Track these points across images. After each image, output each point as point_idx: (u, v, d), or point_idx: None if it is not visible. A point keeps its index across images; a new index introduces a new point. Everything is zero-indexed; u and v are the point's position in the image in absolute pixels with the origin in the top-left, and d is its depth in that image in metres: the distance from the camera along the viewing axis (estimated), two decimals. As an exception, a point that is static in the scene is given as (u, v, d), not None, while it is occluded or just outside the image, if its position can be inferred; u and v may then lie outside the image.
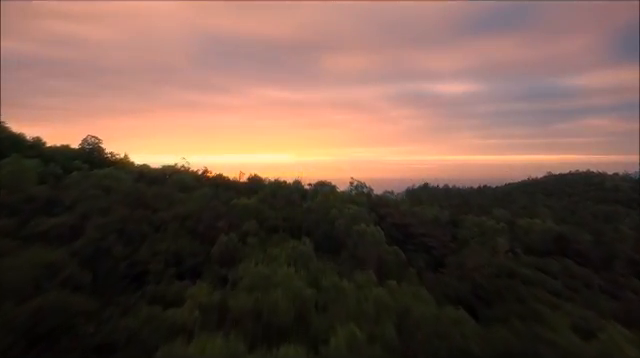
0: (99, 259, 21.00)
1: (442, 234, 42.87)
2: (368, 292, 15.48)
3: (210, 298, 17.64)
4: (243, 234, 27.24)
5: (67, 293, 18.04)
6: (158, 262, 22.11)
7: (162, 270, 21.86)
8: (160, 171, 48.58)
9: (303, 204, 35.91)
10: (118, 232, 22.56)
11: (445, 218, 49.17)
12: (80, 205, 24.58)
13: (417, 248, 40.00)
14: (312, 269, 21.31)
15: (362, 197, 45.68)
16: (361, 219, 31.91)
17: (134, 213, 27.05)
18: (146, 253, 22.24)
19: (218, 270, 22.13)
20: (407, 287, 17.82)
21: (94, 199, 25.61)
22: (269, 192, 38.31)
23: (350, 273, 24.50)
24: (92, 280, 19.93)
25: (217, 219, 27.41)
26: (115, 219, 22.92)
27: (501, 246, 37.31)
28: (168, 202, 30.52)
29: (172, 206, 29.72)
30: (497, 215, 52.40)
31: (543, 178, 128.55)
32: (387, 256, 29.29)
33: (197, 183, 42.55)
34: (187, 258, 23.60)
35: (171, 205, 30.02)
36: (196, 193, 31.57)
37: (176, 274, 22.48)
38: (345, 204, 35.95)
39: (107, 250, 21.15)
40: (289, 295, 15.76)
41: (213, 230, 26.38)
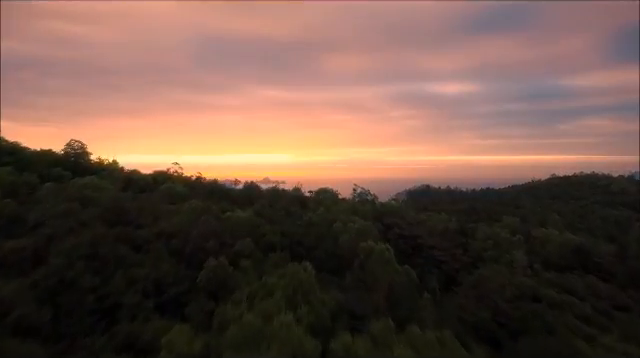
0: (63, 292, 17.63)
1: (453, 246, 39.54)
2: (387, 351, 12.15)
3: (191, 347, 14.35)
4: (236, 255, 23.87)
5: (17, 341, 14.77)
6: (134, 293, 18.74)
7: (138, 303, 18.50)
8: (150, 177, 45.22)
9: (303, 216, 32.54)
10: (88, 257, 19.20)
11: (454, 227, 45.85)
12: (48, 223, 21.23)
13: (426, 262, 36.68)
14: (315, 303, 17.97)
15: (366, 206, 42.35)
16: (368, 234, 28.57)
17: (112, 231, 23.67)
18: (120, 282, 18.88)
19: (205, 302, 18.76)
20: (430, 334, 14.45)
21: (65, 216, 22.22)
22: (267, 202, 34.96)
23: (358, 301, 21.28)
24: (52, 319, 16.64)
25: (207, 238, 24.01)
26: (86, 241, 19.57)
27: (519, 261, 34.06)
28: (153, 217, 27.14)
29: (157, 221, 26.34)
30: (508, 223, 49.11)
31: (547, 180, 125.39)
32: (398, 277, 25.95)
33: (190, 191, 39.18)
34: (170, 286, 20.23)
35: (156, 220, 26.63)
36: (185, 206, 28.17)
37: (156, 306, 19.12)
38: (349, 216, 32.65)
39: (73, 280, 17.82)
40: (286, 350, 12.46)
41: (201, 251, 22.99)
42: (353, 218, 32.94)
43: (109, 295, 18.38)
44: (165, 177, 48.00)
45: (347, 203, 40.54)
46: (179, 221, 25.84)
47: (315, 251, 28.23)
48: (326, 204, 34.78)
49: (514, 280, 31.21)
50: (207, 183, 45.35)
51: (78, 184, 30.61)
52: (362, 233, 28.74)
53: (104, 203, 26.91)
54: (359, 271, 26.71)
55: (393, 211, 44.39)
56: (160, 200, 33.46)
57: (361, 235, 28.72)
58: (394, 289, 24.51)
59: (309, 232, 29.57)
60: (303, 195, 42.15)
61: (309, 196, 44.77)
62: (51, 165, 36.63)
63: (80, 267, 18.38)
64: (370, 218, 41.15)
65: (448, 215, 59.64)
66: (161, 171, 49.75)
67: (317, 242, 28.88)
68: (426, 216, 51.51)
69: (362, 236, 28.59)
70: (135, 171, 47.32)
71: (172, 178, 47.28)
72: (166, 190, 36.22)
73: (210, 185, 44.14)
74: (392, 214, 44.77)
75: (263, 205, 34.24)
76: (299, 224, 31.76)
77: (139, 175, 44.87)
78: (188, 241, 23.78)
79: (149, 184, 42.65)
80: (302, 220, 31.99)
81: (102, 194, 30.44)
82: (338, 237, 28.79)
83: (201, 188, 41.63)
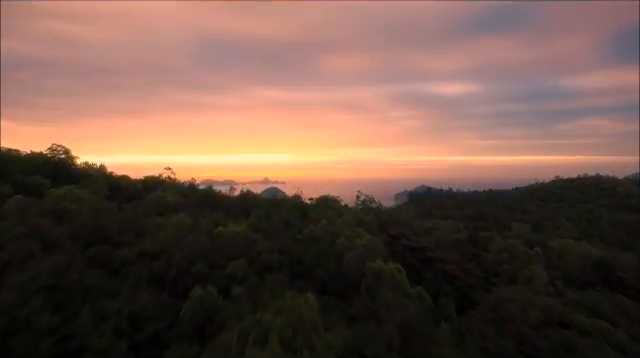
0: (15, 334, 14.52)
1: (465, 260, 36.49)
2: None
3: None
4: (228, 279, 20.77)
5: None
6: (104, 333, 15.62)
7: (109, 345, 15.37)
8: (141, 183, 42.08)
9: (304, 229, 29.42)
10: (49, 289, 16.12)
11: (464, 237, 42.78)
12: (7, 247, 18.11)
13: (437, 277, 33.61)
14: (318, 347, 14.89)
15: (370, 215, 39.26)
16: (376, 252, 25.52)
17: (86, 252, 20.56)
18: (87, 319, 15.79)
19: (187, 348, 15.62)
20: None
21: (29, 237, 19.07)
22: (263, 213, 31.85)
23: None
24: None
25: (194, 260, 20.89)
26: (48, 268, 16.47)
27: (540, 278, 31.05)
28: (136, 233, 24.00)
29: (140, 239, 23.21)
30: (521, 233, 46.08)
31: (551, 182, 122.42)
32: (410, 303, 22.86)
33: (181, 199, 36.05)
34: (148, 322, 17.11)
35: (139, 237, 23.50)
36: (173, 220, 25.04)
37: (130, 347, 16.00)
38: (353, 229, 29.59)
39: (28, 320, 14.73)
40: None
41: (187, 276, 19.88)
42: (358, 231, 29.86)
43: (73, 336, 15.26)
44: (157, 182, 44.88)
45: (350, 212, 37.42)
46: (164, 239, 22.71)
47: (317, 270, 25.14)
48: (329, 216, 31.61)
49: (537, 301, 28.22)
50: (201, 190, 42.21)
51: (55, 195, 27.45)
52: (369, 250, 25.67)
53: (81, 218, 23.76)
54: (367, 296, 23.65)
55: (399, 220, 41.34)
56: (147, 212, 30.33)
57: (368, 252, 25.67)
58: (407, 318, 21.49)
59: (310, 248, 26.46)
60: (304, 203, 39.05)
61: (310, 203, 41.66)
62: (30, 172, 33.42)
63: (37, 303, 15.25)
64: (375, 228, 38.17)
65: (455, 222, 56.77)
66: (152, 176, 46.63)
67: (319, 260, 25.78)
68: (432, 224, 48.44)
69: (369, 253, 25.55)
70: (125, 177, 44.18)
71: (164, 184, 44.14)
72: (154, 200, 33.08)
73: (204, 192, 40.99)
74: (398, 223, 41.71)
75: (260, 216, 31.12)
76: (299, 238, 28.66)
77: (128, 181, 41.73)
78: (172, 263, 20.65)
79: (139, 191, 39.51)
80: (302, 234, 28.88)
81: (82, 206, 27.30)
82: (342, 254, 25.69)
83: (194, 196, 38.50)
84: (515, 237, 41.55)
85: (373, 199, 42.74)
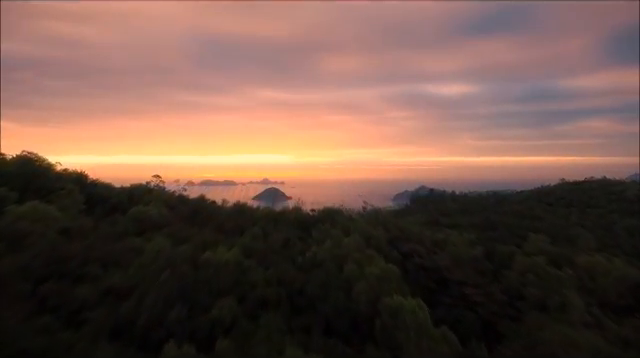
0: None
1: (486, 281, 32.50)
2: None
3: None
4: (212, 325, 16.65)
5: None
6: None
7: None
8: (126, 194, 37.86)
9: (306, 252, 25.30)
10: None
11: (480, 252, 38.73)
12: None
13: (455, 302, 29.56)
14: None
15: (379, 229, 35.17)
16: (391, 283, 21.46)
17: (37, 291, 16.45)
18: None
19: None
20: None
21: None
22: (260, 231, 27.70)
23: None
24: None
25: (172, 300, 16.77)
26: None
27: (576, 307, 27.11)
28: (104, 263, 19.85)
29: (108, 271, 19.07)
30: (540, 247, 42.15)
31: (557, 185, 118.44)
32: (435, 347, 18.80)
33: (168, 213, 31.90)
34: (104, 394, 13.05)
35: (108, 269, 19.36)
36: (151, 245, 20.88)
37: None
38: (363, 252, 25.51)
39: None
40: None
41: (162, 325, 15.75)
42: (368, 253, 25.76)
43: None
44: (144, 191, 40.68)
45: (357, 225, 33.33)
46: (137, 271, 18.56)
47: (321, 305, 21.06)
48: (334, 235, 27.46)
49: (577, 337, 24.24)
50: (191, 200, 38.07)
51: (15, 213, 23.28)
52: (383, 280, 21.62)
53: (37, 244, 19.61)
54: (383, 338, 19.57)
55: (409, 233, 37.27)
56: (125, 230, 26.19)
57: (382, 282, 21.60)
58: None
59: (313, 277, 22.34)
60: (305, 216, 34.97)
61: (313, 215, 37.57)
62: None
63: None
64: (384, 244, 34.12)
65: (465, 232, 52.78)
66: (140, 184, 42.46)
67: (324, 291, 21.66)
68: (444, 236, 44.35)
69: (383, 284, 21.50)
70: (107, 186, 40.00)
71: (152, 193, 39.95)
72: (135, 215, 28.91)
73: (194, 204, 36.79)
74: (408, 237, 37.61)
75: (255, 235, 26.98)
76: (300, 263, 24.55)
77: (111, 191, 37.52)
78: (144, 306, 16.51)
79: (122, 203, 35.32)
80: (304, 257, 24.76)
81: (46, 227, 23.16)
82: (352, 284, 21.60)
83: (183, 208, 34.34)
84: (537, 253, 37.59)
85: (380, 209, 38.75)
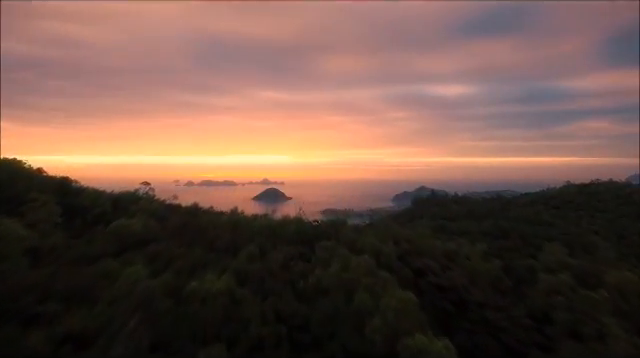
0: None
1: (508, 303, 29.10)
2: None
3: None
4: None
5: None
6: None
7: None
8: (110, 203, 34.36)
9: (309, 276, 21.83)
10: None
11: (497, 266, 35.30)
12: None
13: (476, 328, 26.18)
14: None
15: (388, 243, 31.69)
16: (411, 317, 18.06)
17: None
18: None
19: None
20: None
21: None
22: (256, 249, 24.22)
23: None
24: None
25: (145, 350, 13.34)
26: None
27: (616, 337, 23.78)
28: (67, 297, 16.37)
29: (70, 309, 15.61)
30: (561, 259, 38.77)
31: (563, 188, 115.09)
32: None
33: (154, 226, 28.43)
34: None
35: (70, 305, 15.89)
36: (127, 273, 17.39)
37: None
38: (375, 274, 22.07)
39: None
40: None
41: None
42: (381, 276, 22.31)
43: None
44: (131, 199, 37.24)
45: (365, 239, 29.94)
46: (105, 310, 15.11)
47: (328, 344, 17.66)
48: (341, 254, 23.98)
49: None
50: (182, 210, 34.58)
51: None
52: (401, 314, 18.24)
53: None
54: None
55: (421, 247, 33.79)
56: (102, 250, 22.71)
57: (400, 317, 18.22)
58: None
59: (318, 309, 18.91)
60: (307, 228, 31.53)
61: (316, 226, 34.13)
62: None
63: None
64: (394, 260, 30.74)
65: (476, 241, 49.40)
66: (127, 192, 39.01)
67: (331, 327, 18.24)
68: (456, 246, 40.95)
69: (402, 320, 18.11)
70: (95, 192, 36.51)
71: (139, 203, 36.47)
72: (116, 230, 25.44)
73: (183, 217, 33.26)
74: (421, 252, 34.14)
75: (251, 254, 23.51)
76: (302, 289, 21.10)
77: (94, 199, 34.01)
78: (109, 359, 13.05)
79: (105, 214, 31.88)
80: (307, 283, 21.32)
81: (8, 249, 19.69)
82: (364, 319, 18.20)
83: (173, 219, 30.85)
84: (558, 267, 34.22)
85: (389, 220, 35.26)
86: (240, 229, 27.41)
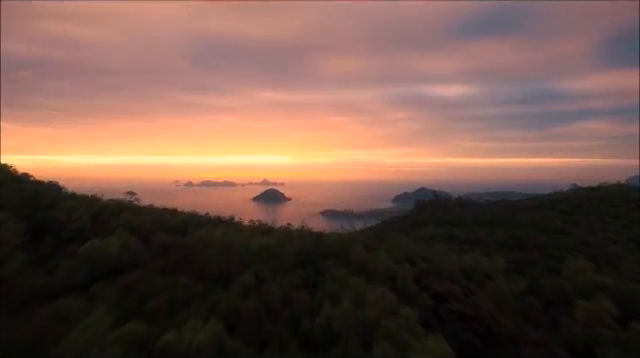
0: None
1: (545, 337, 25.16)
2: None
3: None
4: None
5: None
6: None
7: None
8: (88, 217, 30.26)
9: (315, 316, 17.79)
10: None
11: (523, 287, 31.36)
12: None
13: (509, 368, 22.29)
14: None
15: (403, 263, 27.71)
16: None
17: None
18: None
19: None
20: None
21: None
22: (252, 279, 20.19)
23: None
24: None
25: None
26: None
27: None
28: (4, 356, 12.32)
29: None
30: (589, 277, 34.89)
31: (571, 192, 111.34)
32: None
33: (134, 247, 24.35)
34: None
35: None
36: (82, 325, 13.40)
37: None
38: (396, 315, 18.11)
39: None
40: None
41: None
42: (404, 313, 18.29)
43: None
44: (115, 210, 33.14)
45: (378, 259, 25.96)
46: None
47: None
48: (353, 286, 19.94)
49: None
50: (171, 225, 30.45)
51: None
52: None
53: None
54: None
55: (439, 267, 29.83)
56: (67, 281, 18.65)
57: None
58: None
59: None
60: (312, 248, 27.50)
61: (321, 243, 30.13)
62: None
63: None
64: (411, 284, 26.76)
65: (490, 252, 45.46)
66: (112, 200, 34.94)
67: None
68: (472, 261, 36.96)
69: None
70: (72, 203, 32.39)
71: (124, 213, 32.38)
72: (88, 253, 21.37)
73: (174, 230, 29.19)
74: (438, 273, 30.14)
75: (246, 286, 19.48)
76: (307, 331, 17.08)
77: (70, 211, 29.91)
78: None
79: (82, 230, 27.81)
80: (314, 324, 17.29)
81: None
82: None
83: (158, 237, 26.74)
84: (594, 288, 30.33)
85: (404, 238, 31.35)
86: (234, 250, 23.34)
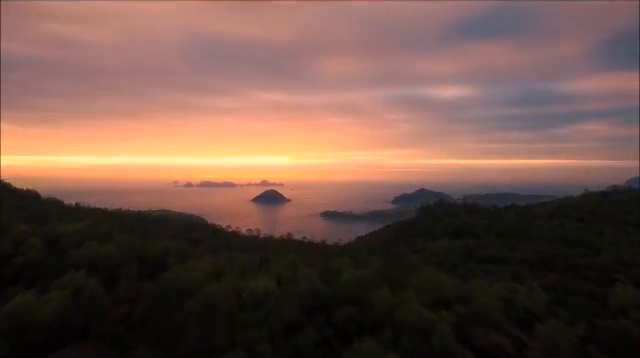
0: None
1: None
2: None
3: None
4: None
5: None
6: None
7: None
8: (41, 246, 23.81)
9: None
10: None
11: (580, 334, 25.29)
12: None
13: None
14: None
15: (439, 310, 21.62)
16: None
17: None
18: None
19: None
20: None
21: None
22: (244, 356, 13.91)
23: None
24: None
25: None
26: None
27: None
28: None
29: None
30: None
31: (583, 197, 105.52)
32: None
33: (86, 310, 17.94)
34: None
35: None
36: None
37: None
38: None
39: None
40: None
41: None
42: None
43: None
44: (79, 238, 26.74)
45: (411, 309, 19.79)
46: None
47: None
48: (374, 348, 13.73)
49: None
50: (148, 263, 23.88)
51: None
52: None
53: None
54: None
55: (477, 313, 23.73)
56: None
57: None
58: None
59: None
60: (322, 291, 21.22)
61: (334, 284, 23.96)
62: None
63: None
64: (450, 337, 20.56)
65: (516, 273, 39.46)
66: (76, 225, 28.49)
67: None
68: (508, 291, 30.76)
69: None
70: (24, 229, 25.97)
71: (84, 248, 25.87)
72: (14, 314, 14.96)
73: (149, 264, 22.77)
74: (477, 312, 23.98)
75: (247, 343, 13.21)
76: None
77: (25, 237, 23.47)
78: None
79: (29, 266, 21.44)
80: None
81: None
82: None
83: (122, 289, 20.28)
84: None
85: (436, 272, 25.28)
86: (220, 304, 16.98)
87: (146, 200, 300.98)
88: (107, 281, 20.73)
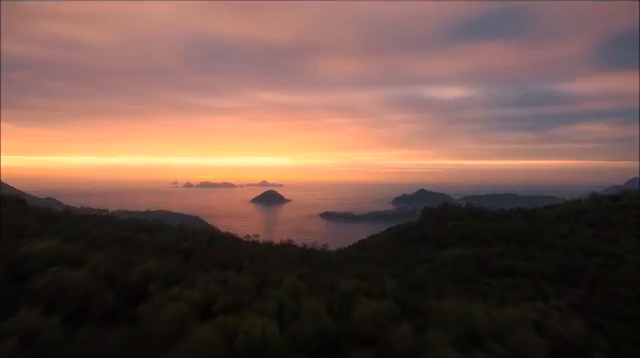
0: None
1: None
2: None
3: None
4: None
5: None
6: None
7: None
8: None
9: None
10: None
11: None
12: None
13: None
14: None
15: (468, 349, 18.22)
16: None
17: None
18: None
19: None
20: None
21: None
22: None
23: None
24: None
25: None
26: None
27: None
28: None
29: None
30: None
31: (590, 201, 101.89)
32: None
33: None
34: None
35: None
36: None
37: None
38: None
39: None
40: None
41: None
42: None
43: None
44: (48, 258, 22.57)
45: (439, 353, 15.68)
46: None
47: None
48: None
49: None
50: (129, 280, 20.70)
51: None
52: None
53: None
54: None
55: (513, 346, 20.33)
56: None
57: None
58: None
59: None
60: (333, 327, 17.41)
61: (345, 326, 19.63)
62: None
63: None
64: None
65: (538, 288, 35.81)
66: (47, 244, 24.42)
67: None
68: (539, 316, 26.94)
69: None
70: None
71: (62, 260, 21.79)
72: None
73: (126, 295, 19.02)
74: (510, 349, 20.37)
75: None
76: None
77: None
78: None
79: None
80: None
81: None
82: None
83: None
84: None
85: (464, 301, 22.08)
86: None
87: (146, 200, 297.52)
88: (72, 319, 16.99)
